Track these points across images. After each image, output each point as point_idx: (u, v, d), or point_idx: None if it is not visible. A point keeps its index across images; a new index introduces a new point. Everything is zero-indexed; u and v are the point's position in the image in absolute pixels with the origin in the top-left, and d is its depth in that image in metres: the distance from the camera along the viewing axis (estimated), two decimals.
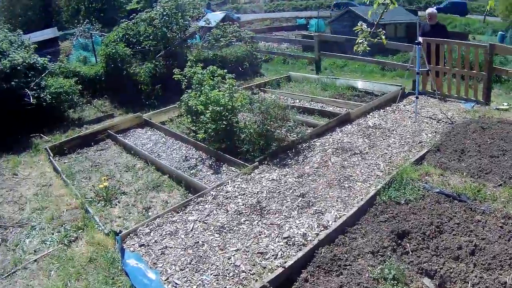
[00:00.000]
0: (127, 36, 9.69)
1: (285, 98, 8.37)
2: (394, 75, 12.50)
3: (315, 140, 5.79)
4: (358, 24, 3.19)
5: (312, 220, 3.78)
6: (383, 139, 5.86)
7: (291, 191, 4.35)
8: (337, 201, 4.10)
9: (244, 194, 4.35)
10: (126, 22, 9.97)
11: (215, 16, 18.69)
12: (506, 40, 31.90)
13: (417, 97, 6.94)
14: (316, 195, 4.25)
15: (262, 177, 4.73)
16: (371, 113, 7.09)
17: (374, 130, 6.22)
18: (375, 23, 3.07)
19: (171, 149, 6.20)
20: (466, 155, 5.28)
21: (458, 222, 3.68)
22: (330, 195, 4.23)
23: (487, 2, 5.75)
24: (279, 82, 9.64)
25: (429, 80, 8.10)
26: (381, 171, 4.77)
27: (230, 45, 10.99)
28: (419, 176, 4.47)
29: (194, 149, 6.03)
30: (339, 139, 5.78)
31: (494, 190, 4.28)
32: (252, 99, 5.13)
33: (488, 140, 5.83)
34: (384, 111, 7.25)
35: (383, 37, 3.36)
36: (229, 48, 10.91)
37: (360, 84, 8.94)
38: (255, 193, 4.34)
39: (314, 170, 4.79)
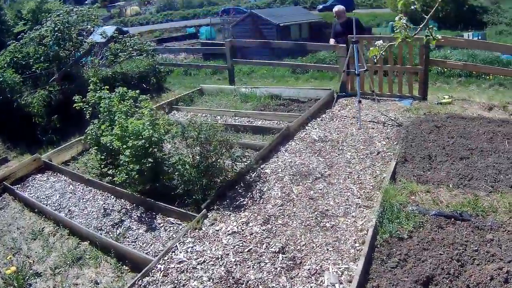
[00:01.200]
0: (15, 60, 8.85)
1: (204, 115, 7.69)
2: (308, 78, 12.66)
3: (262, 166, 5.15)
4: (396, 19, 2.65)
5: (311, 287, 3.16)
6: (338, 155, 5.49)
7: (264, 246, 3.57)
8: (328, 250, 3.43)
9: (204, 262, 3.48)
10: (14, 44, 9.08)
11: (107, 30, 17.82)
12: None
13: (359, 101, 6.82)
14: (298, 247, 3.57)
15: (219, 231, 3.92)
16: (309, 124, 6.78)
17: (322, 145, 5.85)
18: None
19: (84, 200, 5.12)
20: (436, 161, 5.20)
21: (475, 248, 3.42)
22: (315, 242, 3.55)
23: None
24: (191, 97, 8.95)
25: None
26: (359, 197, 4.32)
27: (131, 59, 10.33)
28: (407, 198, 4.19)
29: (113, 197, 5.01)
30: (290, 161, 5.21)
31: (488, 199, 4.19)
32: (184, 126, 4.30)
33: (448, 139, 5.87)
34: (322, 120, 6.98)
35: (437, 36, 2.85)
36: (129, 63, 10.24)
37: (283, 91, 8.68)
38: (219, 259, 3.49)
39: (280, 210, 4.09)
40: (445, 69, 10.82)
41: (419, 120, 6.69)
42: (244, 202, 4.27)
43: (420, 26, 2.49)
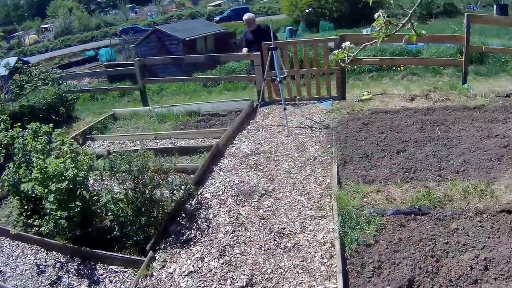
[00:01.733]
0: None
1: (122, 142, 7.25)
2: (221, 90, 12.62)
3: (200, 190, 4.86)
4: (376, 16, 2.52)
5: None
6: (275, 166, 5.42)
7: (228, 282, 3.30)
8: (298, 273, 3.27)
9: None
10: None
11: (10, 62, 16.56)
12: (298, 33, 37.70)
13: (285, 109, 6.84)
14: (266, 276, 3.37)
15: (173, 274, 3.58)
16: (237, 138, 6.66)
17: (256, 158, 5.74)
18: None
19: (14, 258, 4.48)
20: (374, 159, 5.34)
21: (445, 241, 3.48)
22: (282, 267, 3.37)
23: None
24: (105, 124, 8.43)
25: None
26: (310, 208, 4.25)
27: (36, 90, 9.71)
28: (360, 201, 4.22)
29: (44, 251, 4.42)
30: (229, 180, 5.00)
31: (440, 188, 4.33)
32: (113, 160, 3.87)
33: (379, 135, 6.08)
34: (248, 132, 6.90)
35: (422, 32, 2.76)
36: (36, 94, 9.67)
37: (201, 107, 8.49)
38: None
39: (233, 237, 3.83)
40: (355, 66, 11.43)
41: (345, 120, 6.90)
42: (192, 235, 3.97)
43: (403, 22, 2.42)
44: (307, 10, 41.59)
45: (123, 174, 3.80)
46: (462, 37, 8.01)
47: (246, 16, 8.77)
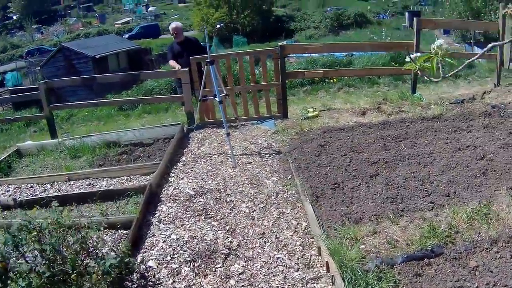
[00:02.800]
0: None
1: (30, 186, 5.89)
2: (140, 113, 11.41)
3: (140, 257, 3.67)
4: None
5: None
6: (231, 211, 4.41)
7: None
8: None
9: None
10: None
11: None
12: (212, 49, 37.10)
13: (228, 134, 5.91)
14: None
15: None
16: (172, 174, 5.60)
17: (203, 200, 4.71)
18: None
19: None
20: (349, 189, 4.53)
21: (475, 286, 2.88)
22: None
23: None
24: (9, 163, 6.96)
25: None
26: (297, 269, 3.26)
27: None
28: (359, 251, 3.38)
29: None
30: (176, 238, 3.84)
31: (440, 219, 3.68)
32: (15, 234, 2.63)
33: (343, 157, 5.32)
34: (184, 165, 5.85)
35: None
36: None
37: (121, 135, 7.30)
38: None
39: None
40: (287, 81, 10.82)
41: (297, 142, 6.13)
42: None
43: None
44: (218, 26, 41.36)
45: (33, 258, 2.64)
46: (411, 44, 7.66)
47: (173, 25, 7.88)
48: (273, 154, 5.87)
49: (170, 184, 5.27)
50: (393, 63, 11.27)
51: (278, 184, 4.94)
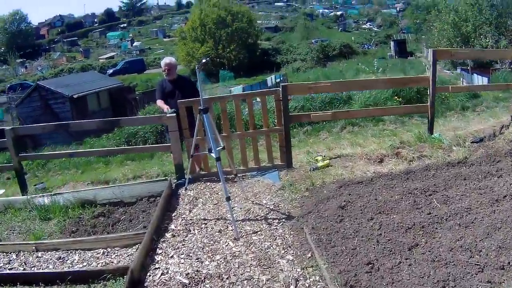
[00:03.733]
0: None
1: None
2: (122, 160, 10.14)
3: None
4: None
5: None
6: None
7: None
8: None
9: None
10: None
11: None
12: (197, 84, 36.05)
13: (228, 199, 4.78)
14: None
15: None
16: (159, 250, 4.47)
17: None
18: None
19: None
20: (387, 269, 3.52)
21: None
22: None
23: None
24: None
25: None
26: None
27: None
28: None
29: None
30: None
31: None
32: None
33: (369, 223, 4.31)
34: (174, 236, 4.67)
35: None
36: None
37: (98, 193, 6.15)
38: None
39: None
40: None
41: (311, 203, 5.07)
42: None
43: None
44: (203, 60, 40.28)
45: None
46: (426, 78, 6.74)
47: (167, 60, 6.88)
48: (283, 219, 4.81)
49: (157, 266, 4.14)
50: (396, 97, 10.41)
51: (296, 265, 3.86)
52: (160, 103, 6.71)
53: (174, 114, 6.09)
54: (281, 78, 31.58)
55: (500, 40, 22.72)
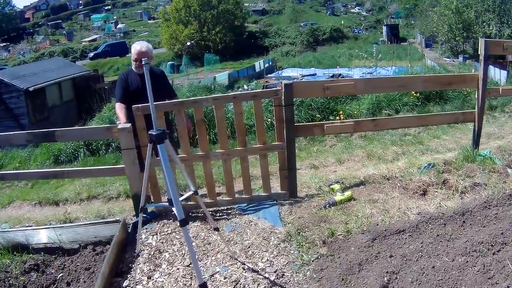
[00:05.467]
0: None
1: None
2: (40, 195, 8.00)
3: None
4: None
5: None
6: None
7: None
8: None
9: None
10: None
11: None
12: (181, 68, 33.99)
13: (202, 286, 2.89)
14: None
15: None
16: None
17: None
18: None
19: None
20: None
21: None
22: None
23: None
24: None
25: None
26: None
27: None
28: None
29: None
30: None
31: None
32: None
33: None
34: None
35: None
36: None
37: (29, 236, 4.21)
38: None
39: None
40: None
41: (334, 274, 3.21)
42: None
43: None
44: (188, 43, 38.38)
45: None
46: (474, 77, 4.83)
47: (143, 47, 4.75)
48: None
49: None
50: (413, 92, 8.52)
51: None
52: (119, 109, 4.66)
53: (128, 126, 4.12)
54: (270, 63, 29.56)
55: (502, 28, 20.97)
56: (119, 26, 65.59)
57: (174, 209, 2.81)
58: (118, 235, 4.00)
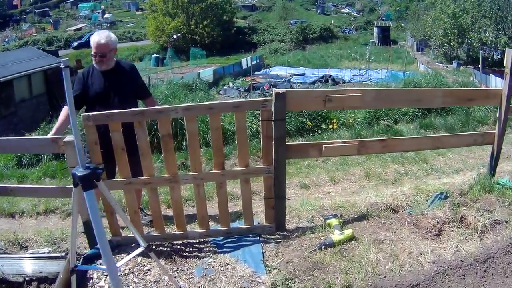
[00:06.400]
0: None
1: None
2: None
3: None
4: None
5: None
6: None
7: None
8: None
9: None
10: None
11: None
12: (166, 62, 32.94)
13: None
14: None
15: None
16: None
17: None
18: None
19: None
20: None
21: None
22: None
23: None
24: None
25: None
26: None
27: None
28: None
29: None
30: None
31: None
32: None
33: None
34: None
35: None
36: None
37: None
38: None
39: None
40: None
41: None
42: None
43: None
44: (174, 36, 37.29)
45: None
46: (497, 93, 4.06)
47: (102, 38, 3.88)
48: None
49: None
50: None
51: None
52: (61, 115, 3.86)
53: (71, 139, 3.26)
54: (258, 60, 28.72)
55: (499, 36, 20.44)
56: (106, 16, 64.10)
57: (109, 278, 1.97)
58: (62, 277, 3.19)
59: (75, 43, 44.30)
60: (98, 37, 3.86)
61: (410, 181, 5.21)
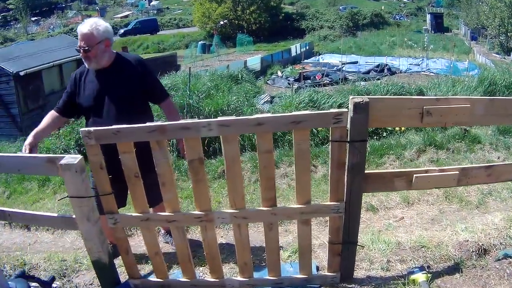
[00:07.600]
0: None
1: None
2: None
3: None
4: None
5: None
6: None
7: None
8: None
9: None
10: None
11: None
12: (212, 49, 32.31)
13: None
14: None
15: None
16: None
17: None
18: None
19: None
20: None
21: None
22: None
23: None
24: None
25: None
26: None
27: None
28: None
29: None
30: None
31: None
32: None
33: None
34: None
35: None
36: None
37: None
38: None
39: None
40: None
41: None
42: None
43: None
44: (221, 22, 36.55)
45: None
46: None
47: (86, 28, 2.94)
48: None
49: None
50: None
51: None
52: (49, 117, 3.08)
53: (76, 162, 2.38)
54: (307, 47, 27.40)
55: None
56: (153, 3, 63.96)
57: None
58: None
59: (122, 31, 44.22)
60: (83, 26, 2.92)
61: (496, 204, 4.09)
